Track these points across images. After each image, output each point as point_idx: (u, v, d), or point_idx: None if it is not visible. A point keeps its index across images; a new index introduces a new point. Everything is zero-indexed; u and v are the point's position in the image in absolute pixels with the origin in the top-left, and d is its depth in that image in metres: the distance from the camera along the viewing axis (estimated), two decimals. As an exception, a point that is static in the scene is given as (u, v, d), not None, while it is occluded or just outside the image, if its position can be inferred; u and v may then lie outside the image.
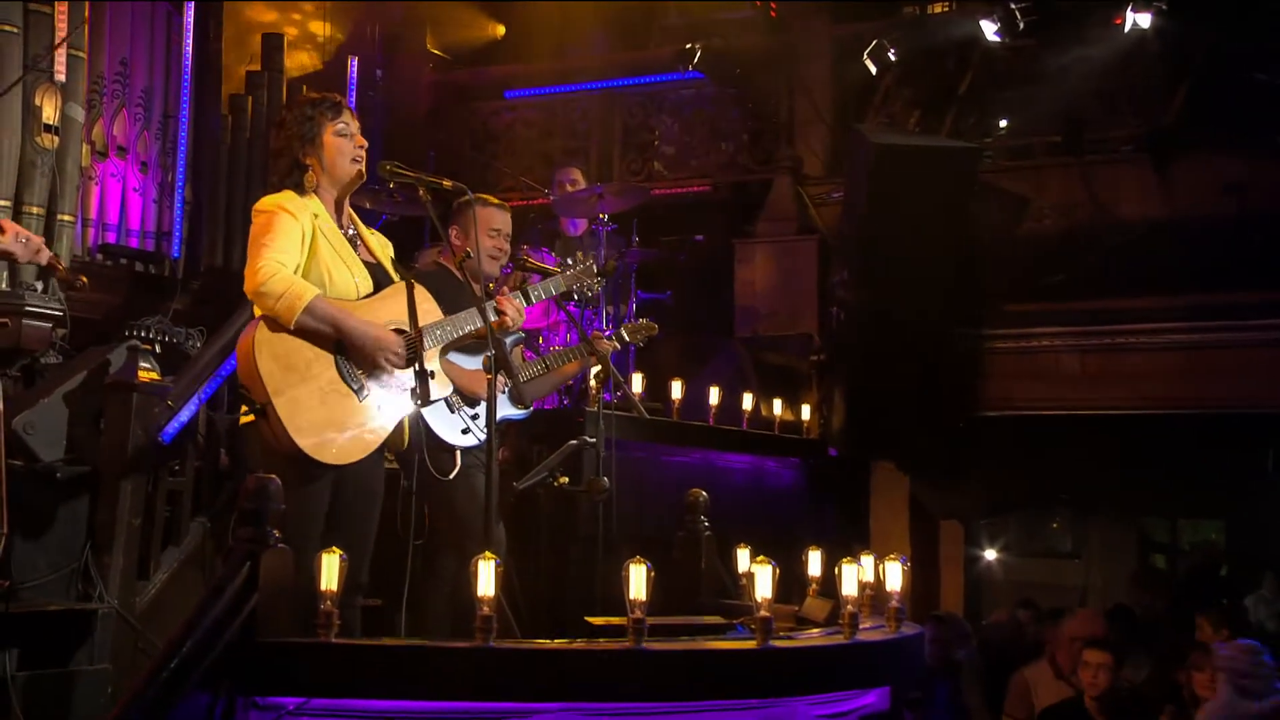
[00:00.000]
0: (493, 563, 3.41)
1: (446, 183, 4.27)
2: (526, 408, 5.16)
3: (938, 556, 9.28)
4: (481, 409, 4.84)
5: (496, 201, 5.20)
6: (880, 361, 8.04)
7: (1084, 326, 8.33)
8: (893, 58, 8.67)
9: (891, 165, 7.81)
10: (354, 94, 8.14)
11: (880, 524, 8.80)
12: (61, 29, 6.07)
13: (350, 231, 4.21)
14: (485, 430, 4.77)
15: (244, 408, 3.98)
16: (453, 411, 4.78)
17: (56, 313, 5.81)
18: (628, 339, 5.73)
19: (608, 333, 5.79)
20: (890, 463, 8.78)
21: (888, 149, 7.90)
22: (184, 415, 5.22)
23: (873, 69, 8.77)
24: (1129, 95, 8.71)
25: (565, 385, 6.21)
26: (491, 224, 5.11)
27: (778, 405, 8.00)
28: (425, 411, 4.40)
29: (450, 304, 4.38)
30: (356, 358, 3.98)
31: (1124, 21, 8.05)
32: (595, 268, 5.12)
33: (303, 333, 3.90)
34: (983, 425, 8.54)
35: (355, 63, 8.43)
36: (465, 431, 4.82)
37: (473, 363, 4.87)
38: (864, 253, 8.09)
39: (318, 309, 3.90)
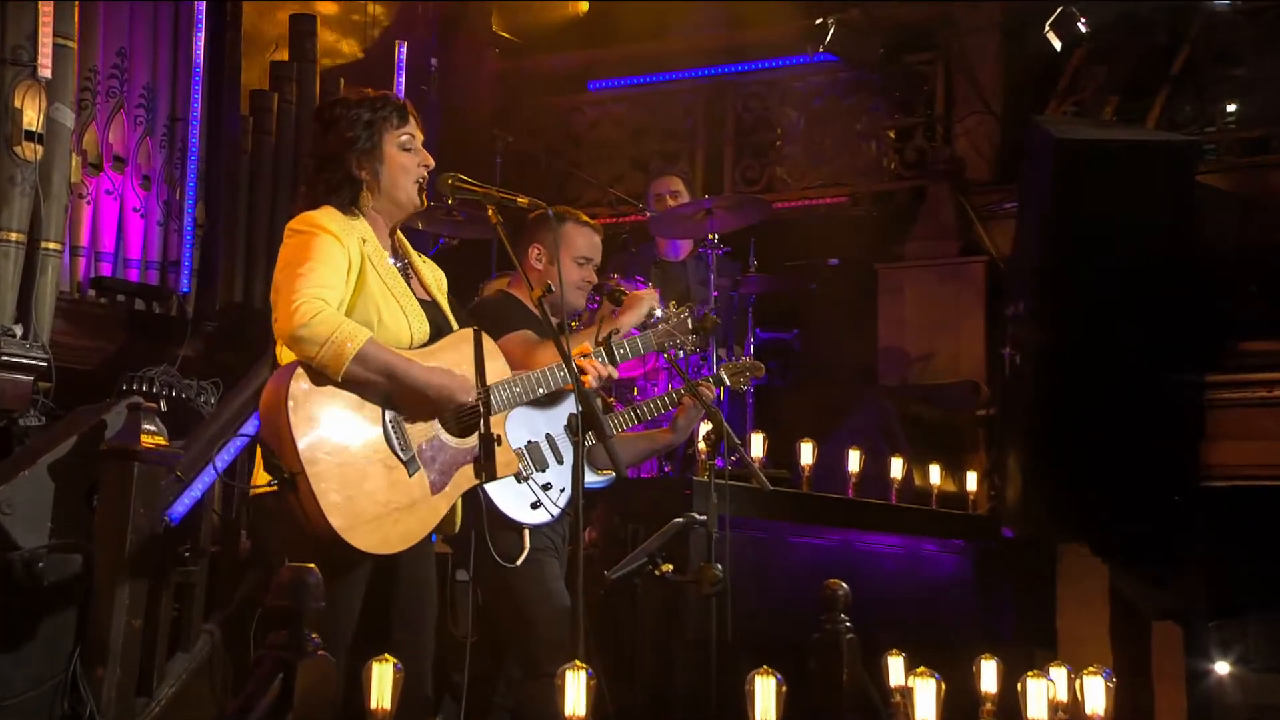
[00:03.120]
0: (583, 674, 3.40)
1: (521, 199, 4.29)
2: (620, 474, 5.16)
3: (1150, 669, 9.09)
4: (553, 477, 4.87)
5: (587, 220, 5.24)
6: (1069, 416, 7.93)
7: (1345, 372, 8.17)
8: (1083, 29, 8.60)
9: (1082, 166, 7.75)
10: (403, 87, 8.25)
11: (1072, 626, 8.67)
12: (46, 15, 6.17)
13: (402, 263, 4.22)
14: (559, 505, 4.80)
15: (267, 476, 4.00)
16: (520, 481, 4.74)
17: (40, 363, 5.91)
18: (728, 382, 5.68)
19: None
20: (1084, 546, 8.63)
21: (1077, 146, 7.83)
22: (196, 490, 5.29)
23: (1056, 44, 8.71)
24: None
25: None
26: (578, 250, 5.15)
27: (935, 473, 7.94)
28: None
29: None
30: (412, 414, 3.98)
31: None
32: (690, 323, 5.11)
33: (349, 386, 3.88)
34: (1208, 498, 8.38)
35: (404, 49, 8.51)
36: (535, 506, 4.80)
37: (546, 417, 4.91)
38: (1046, 278, 8.01)
39: (371, 357, 3.85)
